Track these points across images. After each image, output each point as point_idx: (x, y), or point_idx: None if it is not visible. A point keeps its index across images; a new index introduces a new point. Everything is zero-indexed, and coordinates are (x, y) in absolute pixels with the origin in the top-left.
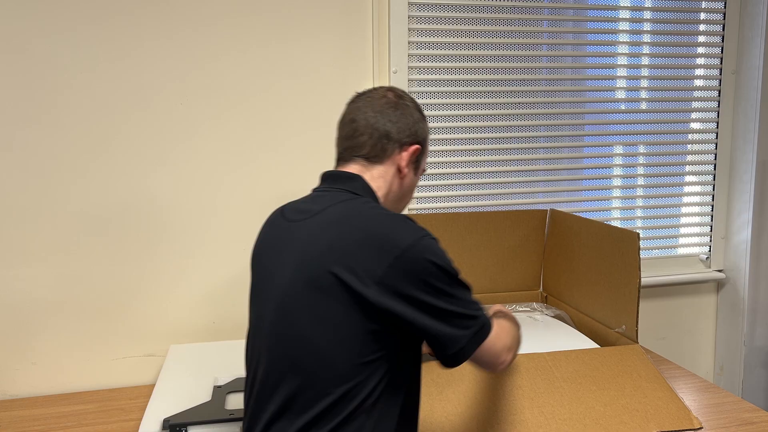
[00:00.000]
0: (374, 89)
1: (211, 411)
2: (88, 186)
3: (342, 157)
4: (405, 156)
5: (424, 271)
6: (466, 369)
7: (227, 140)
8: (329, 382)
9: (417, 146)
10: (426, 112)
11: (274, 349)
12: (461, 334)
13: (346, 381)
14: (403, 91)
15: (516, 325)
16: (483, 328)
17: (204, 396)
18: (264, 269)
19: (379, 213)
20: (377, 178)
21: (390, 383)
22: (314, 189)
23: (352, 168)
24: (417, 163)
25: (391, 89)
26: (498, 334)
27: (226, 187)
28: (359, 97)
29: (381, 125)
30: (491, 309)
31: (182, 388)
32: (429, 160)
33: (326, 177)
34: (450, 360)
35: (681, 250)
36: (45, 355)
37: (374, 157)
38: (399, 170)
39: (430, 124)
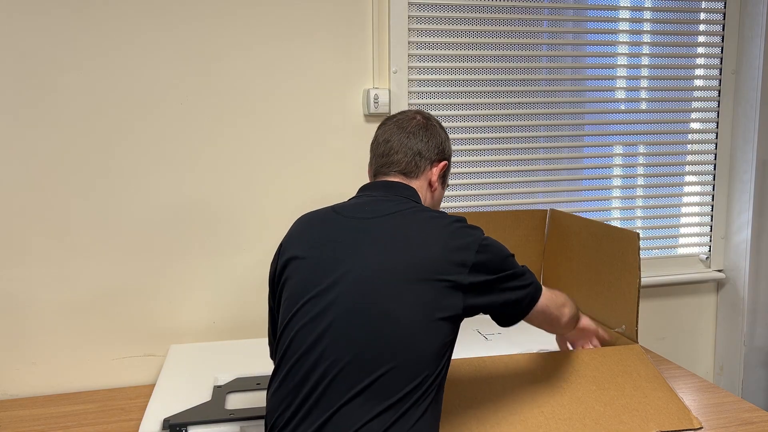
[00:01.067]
0: (403, 112)
1: (211, 411)
2: (88, 186)
3: (381, 172)
4: (435, 171)
5: (496, 257)
6: (465, 369)
7: (227, 141)
8: (418, 366)
9: (445, 162)
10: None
11: (357, 333)
12: (528, 291)
13: (429, 365)
14: (429, 114)
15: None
16: (538, 286)
17: (204, 396)
18: (326, 260)
19: (447, 215)
20: (419, 191)
21: (448, 366)
22: (364, 194)
23: (400, 180)
24: (444, 177)
25: (419, 112)
26: (549, 292)
27: (226, 188)
28: (390, 120)
29: (414, 144)
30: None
31: (182, 388)
32: None
33: (379, 185)
34: (524, 311)
35: (681, 250)
36: (45, 355)
37: (410, 172)
38: (430, 184)
39: None
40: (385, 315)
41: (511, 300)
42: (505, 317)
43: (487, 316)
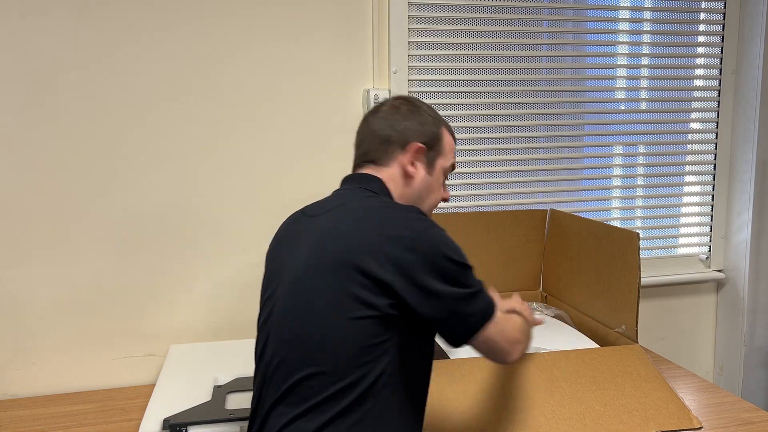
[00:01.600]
0: (385, 100)
1: (211, 411)
2: (88, 186)
3: (356, 165)
4: (408, 156)
5: (434, 257)
6: (466, 369)
7: (228, 141)
8: (340, 366)
9: (419, 145)
10: None
11: (286, 333)
12: (470, 313)
13: (355, 365)
14: (415, 99)
15: (527, 322)
16: (488, 310)
17: (204, 396)
18: (278, 260)
19: (395, 204)
20: (389, 180)
21: (398, 370)
22: (334, 191)
23: (368, 171)
24: (430, 162)
25: (400, 97)
26: (503, 321)
27: (226, 187)
28: (370, 110)
29: (380, 130)
30: (507, 303)
31: (182, 388)
32: None
33: (346, 179)
34: (454, 339)
35: (681, 250)
36: (45, 355)
37: (378, 160)
38: (405, 172)
39: None
40: (310, 314)
41: (444, 314)
42: (442, 334)
43: None
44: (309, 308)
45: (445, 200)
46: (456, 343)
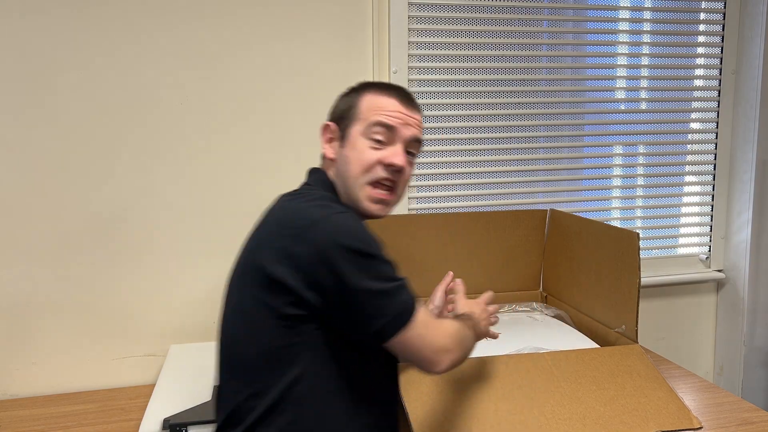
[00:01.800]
0: None
1: (211, 411)
2: (88, 186)
3: None
4: (322, 140)
5: (327, 247)
6: (466, 369)
7: (227, 140)
8: (248, 372)
9: (325, 124)
10: (426, 112)
11: (219, 340)
12: (380, 312)
13: (263, 372)
14: (362, 82)
15: (475, 331)
16: (405, 311)
17: (204, 396)
18: None
19: (303, 199)
20: (327, 168)
21: (326, 375)
22: None
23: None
24: (343, 134)
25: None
26: (426, 326)
27: (225, 187)
28: None
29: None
30: (465, 305)
31: (182, 388)
32: (429, 159)
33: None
34: (363, 341)
35: (681, 250)
36: (45, 355)
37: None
38: (324, 155)
39: (430, 124)
40: (225, 321)
41: (343, 312)
42: (352, 335)
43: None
44: (226, 315)
45: (390, 165)
46: (367, 345)
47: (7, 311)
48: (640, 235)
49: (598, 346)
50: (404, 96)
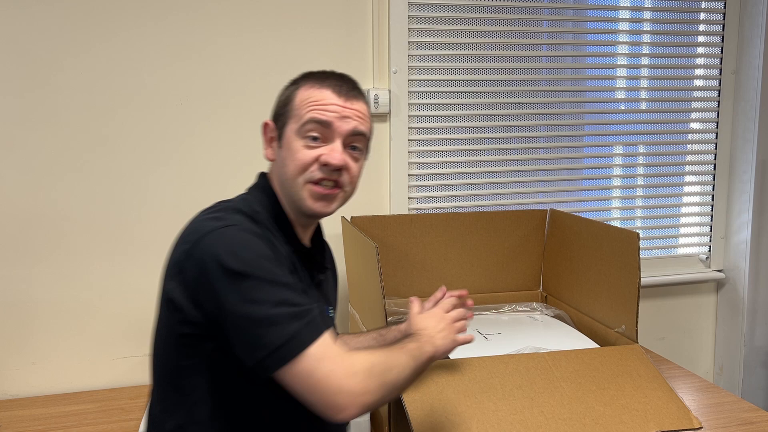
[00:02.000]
0: None
1: None
2: (88, 186)
3: None
4: (264, 141)
5: (207, 263)
6: (466, 369)
7: (226, 140)
8: (157, 387)
9: (265, 123)
10: (426, 112)
11: None
12: (258, 342)
13: (167, 389)
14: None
15: (409, 361)
16: (289, 343)
17: None
18: None
19: (208, 209)
20: (270, 172)
21: (225, 402)
22: None
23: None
24: (280, 133)
25: None
26: (331, 361)
27: (224, 186)
28: None
29: None
30: (410, 323)
31: None
32: (429, 159)
33: None
34: (252, 372)
35: (681, 250)
36: (45, 355)
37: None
38: (267, 157)
39: (430, 124)
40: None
41: (223, 336)
42: (245, 362)
43: (484, 316)
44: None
45: (329, 165)
46: (256, 376)
47: (7, 311)
48: (640, 235)
49: (598, 346)
50: (341, 85)
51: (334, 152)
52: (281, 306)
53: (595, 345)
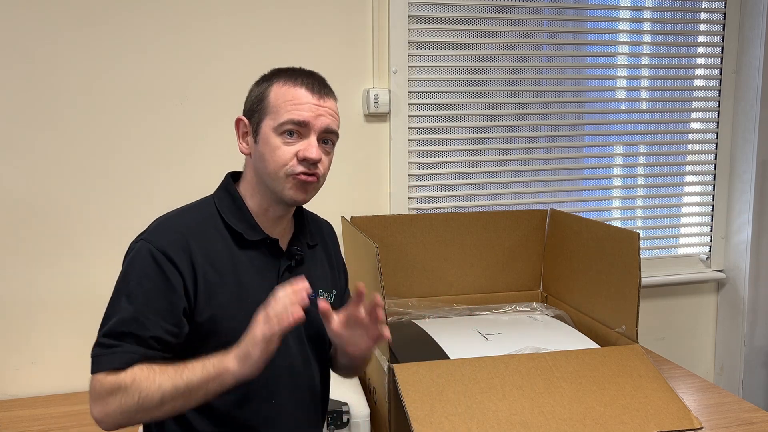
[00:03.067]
0: None
1: None
2: (88, 185)
3: None
4: (237, 136)
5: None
6: (466, 369)
7: (226, 140)
8: None
9: (238, 119)
10: (426, 112)
11: None
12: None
13: None
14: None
15: (171, 380)
16: (97, 357)
17: None
18: None
19: (164, 216)
20: (244, 168)
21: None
22: None
23: None
24: (255, 128)
25: None
26: (96, 380)
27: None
28: None
29: None
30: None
31: None
32: (429, 159)
33: None
34: None
35: (681, 250)
36: (45, 355)
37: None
38: (241, 152)
39: (430, 124)
40: None
41: None
42: None
43: (485, 316)
44: None
45: (308, 159)
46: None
47: (7, 311)
48: (641, 235)
49: (598, 346)
50: (314, 84)
51: (311, 147)
52: (110, 328)
53: (595, 345)
